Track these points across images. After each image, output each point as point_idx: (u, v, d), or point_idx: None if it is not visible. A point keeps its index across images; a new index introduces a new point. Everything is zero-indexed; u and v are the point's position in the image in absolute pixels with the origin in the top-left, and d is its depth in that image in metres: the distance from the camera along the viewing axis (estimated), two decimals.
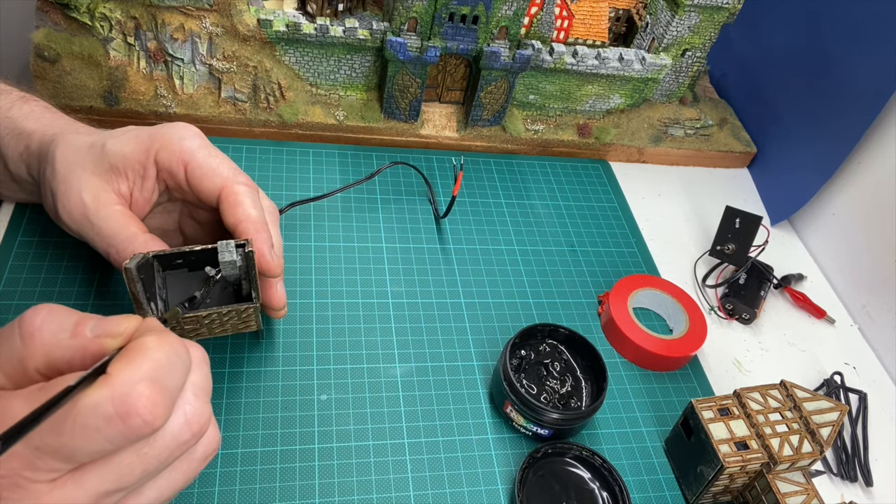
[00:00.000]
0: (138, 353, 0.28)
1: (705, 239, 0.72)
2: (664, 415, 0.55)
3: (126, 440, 0.28)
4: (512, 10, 0.63)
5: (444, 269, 0.61)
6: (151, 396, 0.27)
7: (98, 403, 0.27)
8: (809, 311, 0.68)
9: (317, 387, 0.50)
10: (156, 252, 0.42)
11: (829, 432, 0.47)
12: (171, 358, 0.30)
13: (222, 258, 0.43)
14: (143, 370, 0.28)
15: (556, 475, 0.48)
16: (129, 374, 0.27)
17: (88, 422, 0.26)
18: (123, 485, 0.29)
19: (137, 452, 0.29)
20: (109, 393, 0.27)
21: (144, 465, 0.29)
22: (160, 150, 0.45)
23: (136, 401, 0.27)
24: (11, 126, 0.48)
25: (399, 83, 0.66)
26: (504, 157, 0.74)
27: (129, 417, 0.27)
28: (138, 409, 0.27)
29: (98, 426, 0.27)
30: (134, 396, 0.27)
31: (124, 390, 0.27)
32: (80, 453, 0.27)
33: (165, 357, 0.29)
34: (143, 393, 0.27)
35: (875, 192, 0.68)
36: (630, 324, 0.57)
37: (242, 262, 0.43)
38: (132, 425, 0.27)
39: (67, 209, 0.45)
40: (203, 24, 0.61)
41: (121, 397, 0.27)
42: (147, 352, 0.29)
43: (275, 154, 0.66)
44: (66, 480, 0.28)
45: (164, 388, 0.28)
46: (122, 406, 0.27)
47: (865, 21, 0.66)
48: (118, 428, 0.27)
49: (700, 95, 0.83)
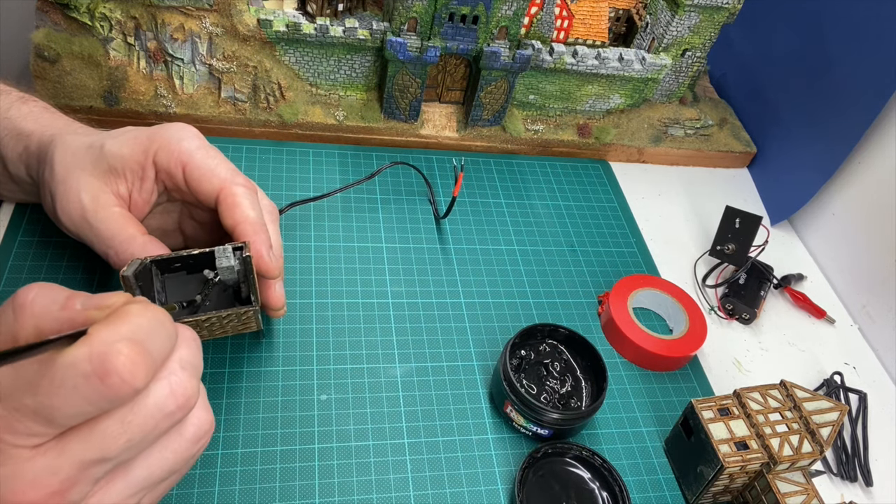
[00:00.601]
0: (120, 317, 0.28)
1: (705, 239, 0.71)
2: (664, 415, 0.55)
3: (106, 401, 0.27)
4: (512, 10, 0.63)
5: (444, 269, 0.61)
6: (130, 355, 0.27)
7: (76, 361, 0.26)
8: (809, 311, 0.68)
9: (317, 387, 0.50)
10: (153, 257, 0.42)
11: (829, 432, 0.47)
12: (154, 324, 0.29)
13: (220, 264, 0.43)
14: (123, 331, 0.27)
15: (556, 475, 0.48)
16: (109, 334, 0.27)
17: (66, 380, 0.26)
18: (108, 454, 0.28)
19: (121, 420, 0.28)
20: (88, 351, 0.26)
21: (129, 434, 0.29)
22: (158, 151, 0.45)
23: (115, 359, 0.26)
24: (10, 127, 0.48)
25: (399, 83, 0.66)
26: (504, 157, 0.74)
27: (107, 375, 0.26)
28: (116, 367, 0.26)
29: (76, 384, 0.26)
30: (112, 354, 0.26)
31: (103, 349, 0.26)
32: (59, 415, 0.27)
33: (148, 322, 0.29)
34: (121, 351, 0.27)
35: (875, 192, 0.68)
36: (630, 324, 0.57)
37: (240, 266, 0.43)
38: (110, 384, 0.26)
39: (66, 211, 0.45)
40: (203, 24, 0.61)
41: (99, 355, 0.26)
42: (129, 316, 0.28)
43: (275, 154, 0.66)
44: (49, 448, 0.27)
45: (145, 350, 0.28)
46: (101, 364, 0.26)
47: (865, 21, 0.66)
48: (96, 387, 0.26)
49: (700, 95, 0.83)
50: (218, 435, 0.46)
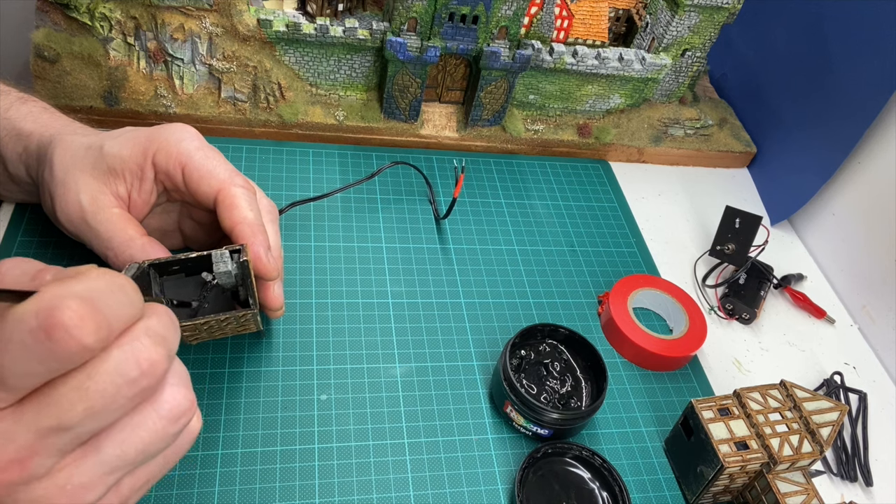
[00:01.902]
0: (75, 277, 0.27)
1: (705, 239, 0.71)
2: (664, 415, 0.55)
3: (54, 360, 0.26)
4: (512, 10, 0.63)
5: (444, 269, 0.61)
6: (79, 310, 0.26)
7: (23, 316, 0.25)
8: (809, 311, 0.68)
9: (317, 387, 0.50)
10: (151, 261, 0.42)
11: (829, 432, 0.47)
12: (112, 287, 0.28)
13: (217, 268, 0.43)
14: (74, 289, 0.26)
15: (556, 475, 0.48)
16: (59, 290, 0.26)
17: (14, 336, 0.25)
18: (65, 422, 0.27)
19: (78, 386, 0.27)
20: (35, 305, 0.25)
21: (87, 401, 0.27)
22: (158, 152, 0.45)
23: (62, 313, 0.25)
24: (10, 127, 0.48)
25: (399, 83, 0.66)
26: (504, 157, 0.74)
27: (53, 330, 0.25)
28: (64, 321, 0.25)
29: (23, 340, 0.25)
30: (60, 309, 0.25)
31: (50, 303, 0.25)
32: (8, 374, 0.26)
33: (105, 284, 0.27)
34: (70, 306, 0.25)
35: (875, 192, 0.68)
36: (630, 324, 0.57)
37: (238, 270, 0.43)
38: (56, 338, 0.25)
39: (65, 212, 0.45)
40: (203, 24, 0.61)
41: (46, 310, 0.25)
42: (84, 277, 0.27)
43: (275, 154, 0.66)
44: (5, 415, 0.27)
45: (97, 309, 0.26)
46: (47, 318, 0.25)
47: (865, 21, 0.66)
48: (43, 342, 0.25)
49: (700, 95, 0.83)
50: (218, 435, 0.46)
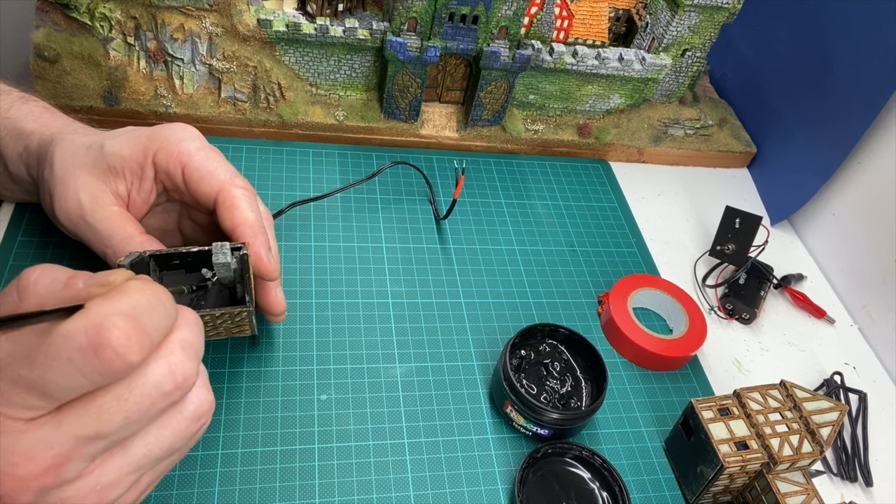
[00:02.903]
0: (118, 292, 0.28)
1: (705, 239, 0.71)
2: (664, 415, 0.55)
3: (100, 375, 0.27)
4: (512, 10, 0.63)
5: (444, 269, 0.61)
6: (125, 329, 0.27)
7: (71, 333, 0.26)
8: (809, 311, 0.68)
9: (317, 387, 0.50)
10: (152, 252, 0.42)
11: (829, 432, 0.47)
12: (153, 301, 0.29)
13: (216, 259, 0.43)
14: (119, 306, 0.27)
15: (556, 475, 0.48)
16: (106, 307, 0.27)
17: (61, 352, 0.26)
18: (104, 431, 0.28)
19: (117, 397, 0.28)
20: (83, 323, 0.26)
21: (125, 411, 0.28)
22: (158, 152, 0.45)
23: (109, 332, 0.26)
24: (11, 126, 0.48)
25: (399, 83, 0.66)
26: (504, 157, 0.74)
27: (101, 348, 0.26)
28: (111, 340, 0.26)
29: (71, 357, 0.26)
30: (107, 327, 0.26)
31: (98, 321, 0.26)
32: (54, 387, 0.27)
33: (146, 299, 0.28)
34: (116, 324, 0.27)
35: (875, 192, 0.68)
36: (630, 324, 0.57)
37: (237, 264, 0.43)
38: (104, 357, 0.26)
39: (64, 210, 0.45)
40: (203, 24, 0.61)
41: (94, 327, 0.26)
42: (127, 292, 0.28)
43: (275, 154, 0.66)
44: (45, 421, 0.27)
45: (141, 325, 0.28)
46: (95, 336, 0.26)
47: (865, 21, 0.66)
48: (90, 360, 0.26)
49: (700, 95, 0.83)
50: (218, 435, 0.46)
